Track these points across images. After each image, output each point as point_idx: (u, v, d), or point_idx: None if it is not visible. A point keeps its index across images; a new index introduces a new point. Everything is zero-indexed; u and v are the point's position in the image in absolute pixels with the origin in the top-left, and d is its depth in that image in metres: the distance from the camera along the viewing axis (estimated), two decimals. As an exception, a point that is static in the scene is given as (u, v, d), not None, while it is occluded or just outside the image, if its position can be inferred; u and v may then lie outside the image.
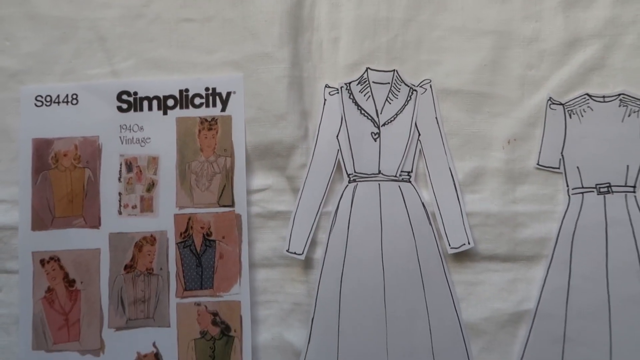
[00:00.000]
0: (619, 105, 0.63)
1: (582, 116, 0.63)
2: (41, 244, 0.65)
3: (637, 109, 0.63)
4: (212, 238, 0.64)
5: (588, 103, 0.63)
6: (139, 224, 0.64)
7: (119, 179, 0.65)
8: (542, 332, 0.61)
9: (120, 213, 0.65)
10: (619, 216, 0.62)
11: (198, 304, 0.63)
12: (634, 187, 0.62)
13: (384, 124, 0.64)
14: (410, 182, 0.63)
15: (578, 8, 0.64)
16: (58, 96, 0.66)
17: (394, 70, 0.65)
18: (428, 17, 0.65)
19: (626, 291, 0.61)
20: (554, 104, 0.64)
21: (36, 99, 0.66)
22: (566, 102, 0.64)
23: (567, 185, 0.63)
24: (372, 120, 0.64)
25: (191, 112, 0.65)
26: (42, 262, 0.64)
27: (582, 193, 0.63)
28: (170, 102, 0.65)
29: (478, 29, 0.64)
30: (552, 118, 0.64)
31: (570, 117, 0.64)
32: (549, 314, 0.61)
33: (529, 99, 0.64)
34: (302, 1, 0.65)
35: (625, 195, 0.62)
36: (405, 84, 0.64)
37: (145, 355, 0.63)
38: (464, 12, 0.65)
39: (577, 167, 0.63)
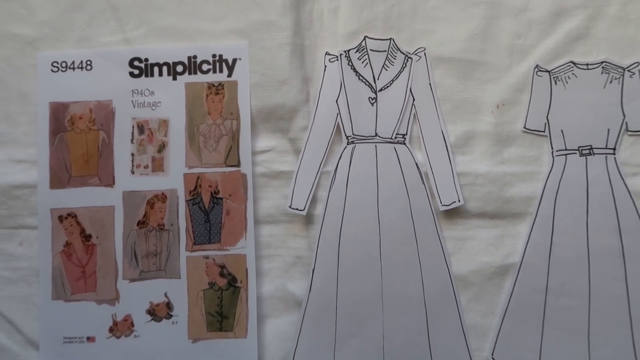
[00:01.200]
0: (602, 73, 0.67)
1: (567, 83, 0.67)
2: (59, 201, 0.69)
3: (618, 76, 0.66)
4: (219, 196, 0.68)
5: (572, 70, 0.67)
6: (151, 183, 0.68)
7: (132, 141, 0.69)
8: (526, 283, 0.66)
9: (133, 172, 0.69)
10: (600, 176, 0.66)
11: (206, 257, 0.68)
12: (614, 149, 0.66)
13: (380, 90, 0.68)
14: (405, 144, 0.67)
15: (565, -20, 0.68)
16: (73, 62, 0.70)
17: (390, 38, 0.68)
18: (423, -12, 0.68)
19: (604, 245, 0.65)
20: (540, 71, 0.67)
21: (52, 65, 0.70)
22: (552, 70, 0.67)
23: (552, 148, 0.67)
24: (370, 85, 0.68)
25: (199, 77, 0.69)
26: (60, 218, 0.69)
27: (566, 155, 0.67)
28: (180, 68, 0.69)
29: (470, 0, 0.68)
30: (538, 84, 0.67)
31: (556, 84, 0.67)
32: (532, 267, 0.66)
33: (517, 66, 0.68)
34: (304, -28, 0.69)
35: (606, 157, 0.66)
36: (401, 52, 0.68)
37: (157, 305, 0.68)
38: (457, -16, 0.68)
39: (561, 131, 0.67)
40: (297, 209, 0.67)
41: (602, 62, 0.67)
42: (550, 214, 0.66)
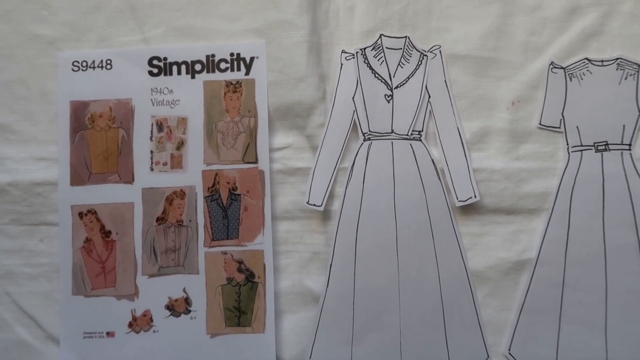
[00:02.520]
0: (616, 69, 0.67)
1: (582, 79, 0.68)
2: (79, 198, 0.70)
3: (633, 72, 0.67)
4: (237, 192, 0.69)
5: (587, 67, 0.68)
6: (170, 180, 0.69)
7: (151, 138, 0.70)
8: (542, 279, 0.66)
9: (152, 169, 0.70)
10: (615, 172, 0.66)
11: (224, 253, 0.69)
12: (630, 145, 0.67)
13: (396, 87, 0.69)
14: (420, 140, 0.68)
15: (579, -22, 0.68)
16: (93, 62, 0.71)
17: (406, 36, 0.69)
18: (438, -14, 0.69)
19: (620, 241, 0.65)
20: (555, 67, 0.68)
21: (73, 64, 0.71)
22: (567, 66, 0.68)
23: (567, 144, 0.67)
24: (386, 83, 0.69)
25: (217, 75, 0.70)
26: (81, 215, 0.70)
27: (581, 151, 0.67)
28: (198, 67, 0.70)
29: (485, -2, 0.69)
30: (553, 81, 0.68)
31: (571, 80, 0.68)
32: (548, 262, 0.66)
33: (531, 63, 0.68)
34: (321, -28, 0.70)
35: (622, 153, 0.67)
36: (417, 50, 0.69)
37: (176, 300, 0.69)
38: (472, -18, 0.69)
39: (577, 127, 0.67)
40: (314, 205, 0.67)
41: (617, 59, 0.67)
42: (566, 210, 0.66)
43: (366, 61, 0.69)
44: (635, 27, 0.67)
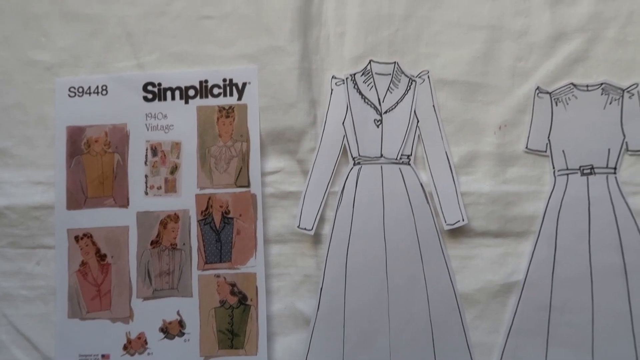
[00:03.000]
0: (601, 94, 0.68)
1: (567, 104, 0.69)
2: (75, 221, 0.71)
3: (617, 97, 0.68)
4: (230, 216, 0.70)
5: (573, 92, 0.69)
6: (164, 204, 0.71)
7: (145, 163, 0.71)
8: (530, 301, 0.67)
9: (146, 193, 0.71)
10: (601, 195, 0.68)
11: (218, 276, 0.70)
12: (615, 168, 0.68)
13: (385, 112, 0.70)
14: (409, 164, 0.69)
15: (563, 4, 0.69)
16: (89, 87, 0.72)
17: (394, 62, 0.70)
18: (426, 12, 0.70)
19: (607, 263, 0.66)
20: (541, 92, 0.69)
21: (70, 90, 0.73)
22: (553, 91, 0.69)
23: (553, 167, 0.69)
24: (375, 108, 0.70)
25: (210, 101, 0.71)
26: (77, 238, 0.71)
27: (567, 174, 0.68)
28: (192, 92, 0.72)
29: (472, 24, 0.70)
30: (539, 106, 0.69)
31: (557, 105, 0.69)
32: (536, 285, 0.67)
33: (518, 88, 0.70)
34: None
35: (607, 176, 0.68)
36: (405, 75, 0.70)
37: (170, 322, 0.70)
38: (459, 8, 0.70)
39: (563, 151, 0.69)
40: (305, 229, 0.69)
41: (602, 84, 0.68)
42: (552, 233, 0.68)
43: (356, 86, 0.70)
44: (620, 52, 0.69)
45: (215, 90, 0.71)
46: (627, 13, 0.69)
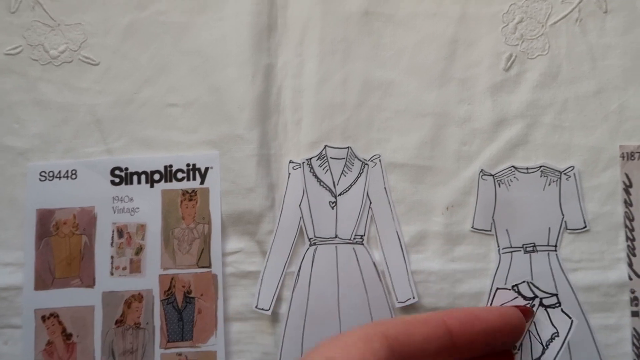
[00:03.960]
0: (540, 176, 0.73)
1: (510, 185, 0.74)
2: (42, 302, 0.74)
3: (555, 178, 0.73)
4: (192, 295, 0.73)
5: (514, 174, 0.74)
6: (129, 284, 0.74)
7: (112, 244, 0.74)
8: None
9: (112, 274, 0.74)
10: (543, 272, 0.71)
11: (179, 354, 0.72)
12: (555, 246, 0.72)
13: (340, 194, 0.74)
14: (363, 244, 0.73)
15: (503, 93, 0.75)
16: (59, 171, 0.76)
17: (348, 147, 0.75)
18: (377, 101, 0.76)
19: (551, 338, 0.70)
20: (485, 175, 0.74)
21: (40, 174, 0.76)
22: (496, 173, 0.74)
23: (498, 246, 0.73)
24: (330, 190, 0.74)
25: (174, 185, 0.75)
26: (43, 318, 0.73)
27: (511, 252, 0.72)
28: (157, 177, 0.75)
29: (419, 111, 0.75)
30: (483, 187, 0.74)
31: (500, 186, 0.74)
32: (485, 359, 0.70)
33: (464, 170, 0.74)
34: (270, 89, 0.76)
35: (548, 254, 0.72)
36: (358, 159, 0.75)
37: (132, 400, 0.72)
38: (408, 97, 0.75)
39: (506, 230, 0.73)
40: (262, 309, 0.72)
41: (541, 166, 0.73)
42: (499, 308, 0.71)
43: (312, 170, 0.75)
44: (557, 137, 0.74)
45: (179, 175, 0.75)
46: (562, 101, 0.74)
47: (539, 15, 0.76)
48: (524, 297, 0.64)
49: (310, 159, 0.75)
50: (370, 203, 0.74)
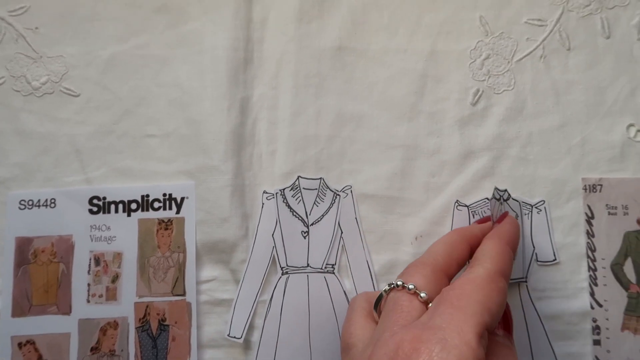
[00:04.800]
0: (513, 209, 0.76)
1: (482, 216, 0.76)
2: (19, 329, 0.75)
3: (527, 212, 0.75)
4: (166, 323, 0.74)
5: (487, 205, 0.76)
6: (104, 311, 0.75)
7: (88, 272, 0.76)
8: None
9: (88, 301, 0.75)
10: (515, 302, 0.73)
11: (153, 381, 0.73)
12: (526, 277, 0.74)
13: (312, 224, 0.76)
14: (334, 273, 0.75)
15: (471, 126, 0.77)
16: (39, 200, 0.78)
17: (320, 178, 0.77)
18: (349, 133, 0.78)
19: (516, 366, 0.72)
20: (460, 205, 0.76)
21: (20, 203, 0.78)
22: (470, 204, 0.76)
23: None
24: (302, 220, 0.76)
25: (151, 214, 0.77)
26: (20, 345, 0.75)
27: (479, 281, 0.74)
28: (134, 206, 0.77)
29: (390, 144, 0.77)
30: (458, 217, 0.76)
31: (474, 217, 0.76)
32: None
33: (433, 201, 0.76)
34: (245, 121, 0.78)
35: (519, 284, 0.74)
36: (330, 190, 0.77)
37: None
38: (378, 130, 0.78)
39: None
40: (234, 337, 0.73)
41: (514, 200, 0.75)
42: (466, 337, 0.73)
43: (285, 201, 0.77)
44: (522, 169, 0.76)
45: (156, 204, 0.77)
46: (527, 134, 0.77)
47: (505, 52, 0.79)
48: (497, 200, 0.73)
49: (284, 189, 0.77)
50: (342, 233, 0.76)
